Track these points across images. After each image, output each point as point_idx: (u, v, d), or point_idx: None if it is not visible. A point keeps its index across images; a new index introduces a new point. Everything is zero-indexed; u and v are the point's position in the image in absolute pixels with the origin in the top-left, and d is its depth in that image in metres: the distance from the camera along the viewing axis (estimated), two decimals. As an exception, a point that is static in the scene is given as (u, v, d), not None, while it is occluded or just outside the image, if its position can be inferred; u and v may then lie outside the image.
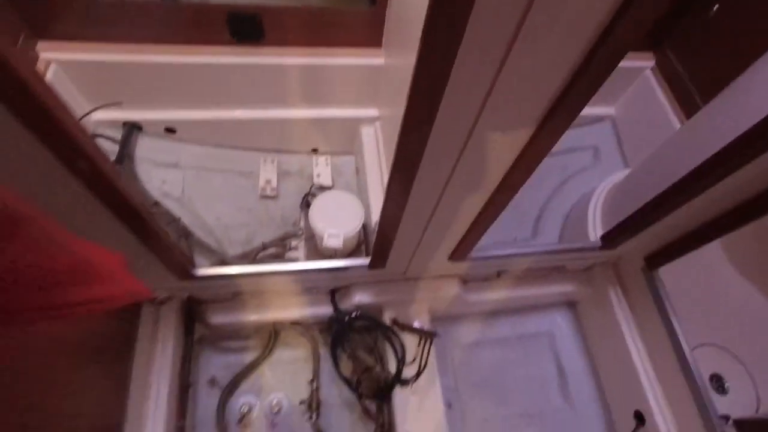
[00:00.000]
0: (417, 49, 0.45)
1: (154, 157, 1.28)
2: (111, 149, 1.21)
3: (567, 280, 1.31)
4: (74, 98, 1.17)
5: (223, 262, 1.22)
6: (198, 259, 1.24)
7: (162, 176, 1.29)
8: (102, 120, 1.23)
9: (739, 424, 0.99)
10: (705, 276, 1.37)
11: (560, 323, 1.41)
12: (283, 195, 1.45)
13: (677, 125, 1.38)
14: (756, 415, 1.12)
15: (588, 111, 1.65)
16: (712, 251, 1.41)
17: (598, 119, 1.67)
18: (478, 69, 0.49)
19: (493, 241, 1.49)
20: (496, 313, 1.38)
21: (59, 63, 1.11)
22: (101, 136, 1.17)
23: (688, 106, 1.34)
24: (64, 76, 1.13)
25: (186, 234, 1.20)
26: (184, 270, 0.90)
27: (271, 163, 1.45)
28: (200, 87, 1.24)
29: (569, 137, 1.76)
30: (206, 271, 0.96)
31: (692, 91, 1.32)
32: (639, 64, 1.50)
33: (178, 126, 1.30)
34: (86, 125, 1.19)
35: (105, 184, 0.59)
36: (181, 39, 1.17)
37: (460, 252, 1.00)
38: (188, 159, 1.34)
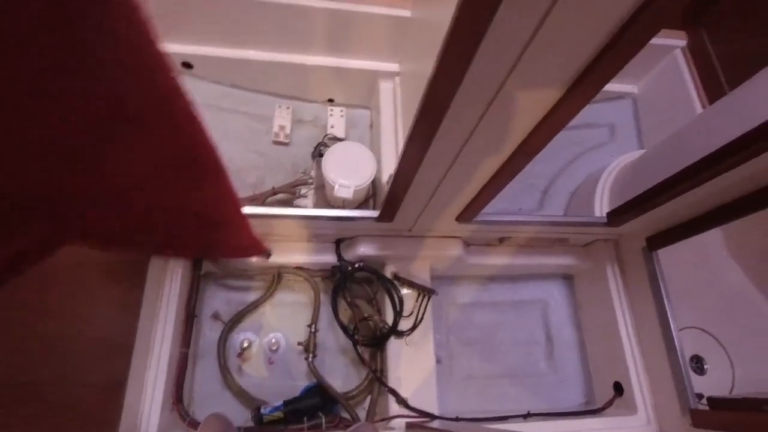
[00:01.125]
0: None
1: (170, 91, 1.27)
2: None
3: (567, 253, 1.33)
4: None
5: (233, 203, 1.24)
6: (208, 197, 1.25)
7: (177, 111, 1.28)
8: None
9: (712, 401, 1.04)
10: (702, 262, 1.40)
11: (555, 294, 1.45)
12: (296, 142, 1.45)
13: (699, 110, 1.36)
14: (728, 395, 1.18)
15: (609, 87, 1.62)
16: (713, 238, 1.43)
17: (619, 96, 1.65)
18: (519, 18, 0.48)
19: (497, 209, 1.51)
20: (494, 277, 1.42)
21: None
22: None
23: (714, 91, 1.31)
24: None
25: (198, 171, 1.21)
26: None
27: (286, 110, 1.44)
28: (222, 23, 1.22)
29: (587, 112, 1.74)
30: (218, 208, 0.97)
31: (720, 75, 1.29)
32: (670, 43, 1.46)
33: (195, 62, 1.28)
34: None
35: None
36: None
37: (467, 214, 1.02)
38: (203, 97, 1.33)
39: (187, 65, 1.28)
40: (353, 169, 1.15)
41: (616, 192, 1.30)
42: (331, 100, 1.50)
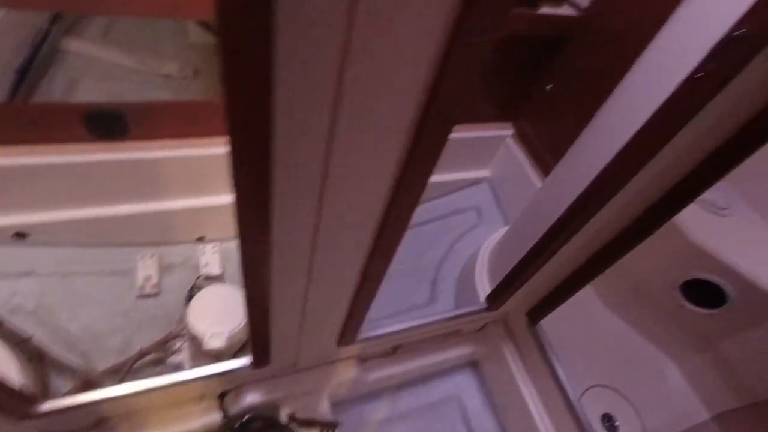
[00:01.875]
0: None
1: (0, 268, 1.13)
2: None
3: (464, 343, 1.34)
4: None
5: (89, 382, 1.07)
6: (57, 381, 1.07)
7: (12, 288, 1.13)
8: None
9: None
10: (585, 321, 1.49)
11: (465, 385, 1.42)
12: (166, 291, 1.34)
13: (538, 185, 1.54)
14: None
15: (465, 175, 1.80)
16: (588, 297, 1.55)
17: (477, 181, 1.82)
18: (301, 185, 0.50)
19: (391, 311, 1.50)
20: (400, 385, 1.36)
21: None
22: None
23: (545, 168, 1.51)
24: None
25: (39, 355, 1.04)
26: (22, 407, 0.77)
27: (150, 258, 1.35)
28: (57, 187, 1.14)
29: (453, 200, 1.86)
30: (57, 403, 0.83)
31: (545, 154, 1.50)
32: (502, 133, 1.68)
33: (31, 230, 1.17)
34: None
35: None
36: (32, 139, 1.09)
37: (347, 336, 0.98)
38: (46, 265, 1.20)
39: (21, 235, 1.16)
40: (223, 313, 1.08)
41: (491, 273, 1.37)
42: (201, 238, 1.45)
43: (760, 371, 1.20)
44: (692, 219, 1.24)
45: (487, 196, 1.80)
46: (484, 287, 1.36)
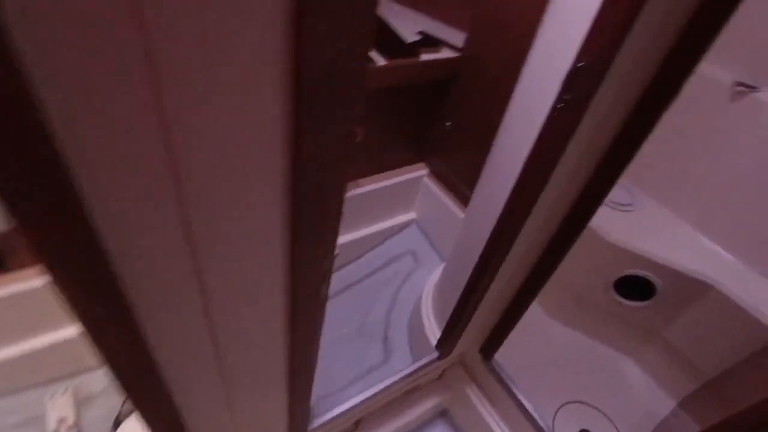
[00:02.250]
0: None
1: None
2: None
3: (427, 396, 1.28)
4: None
5: None
6: None
7: None
8: None
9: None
10: (540, 341, 1.50)
11: (440, 440, 1.35)
12: (88, 427, 1.17)
13: (462, 217, 1.57)
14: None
15: (393, 221, 1.80)
16: (536, 317, 1.56)
17: (406, 225, 1.82)
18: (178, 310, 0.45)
19: (349, 379, 1.42)
20: (374, 461, 1.26)
21: None
22: None
23: (464, 200, 1.54)
24: None
25: None
26: None
27: (63, 395, 1.18)
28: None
29: (386, 249, 1.81)
30: None
31: (461, 187, 1.53)
32: (418, 174, 1.71)
33: None
34: None
35: None
36: None
37: (297, 429, 0.89)
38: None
39: None
40: (154, 441, 0.95)
41: (438, 316, 1.35)
42: (122, 355, 1.30)
43: (701, 350, 1.25)
44: (604, 221, 1.30)
45: (418, 237, 1.80)
46: (434, 332, 1.32)
